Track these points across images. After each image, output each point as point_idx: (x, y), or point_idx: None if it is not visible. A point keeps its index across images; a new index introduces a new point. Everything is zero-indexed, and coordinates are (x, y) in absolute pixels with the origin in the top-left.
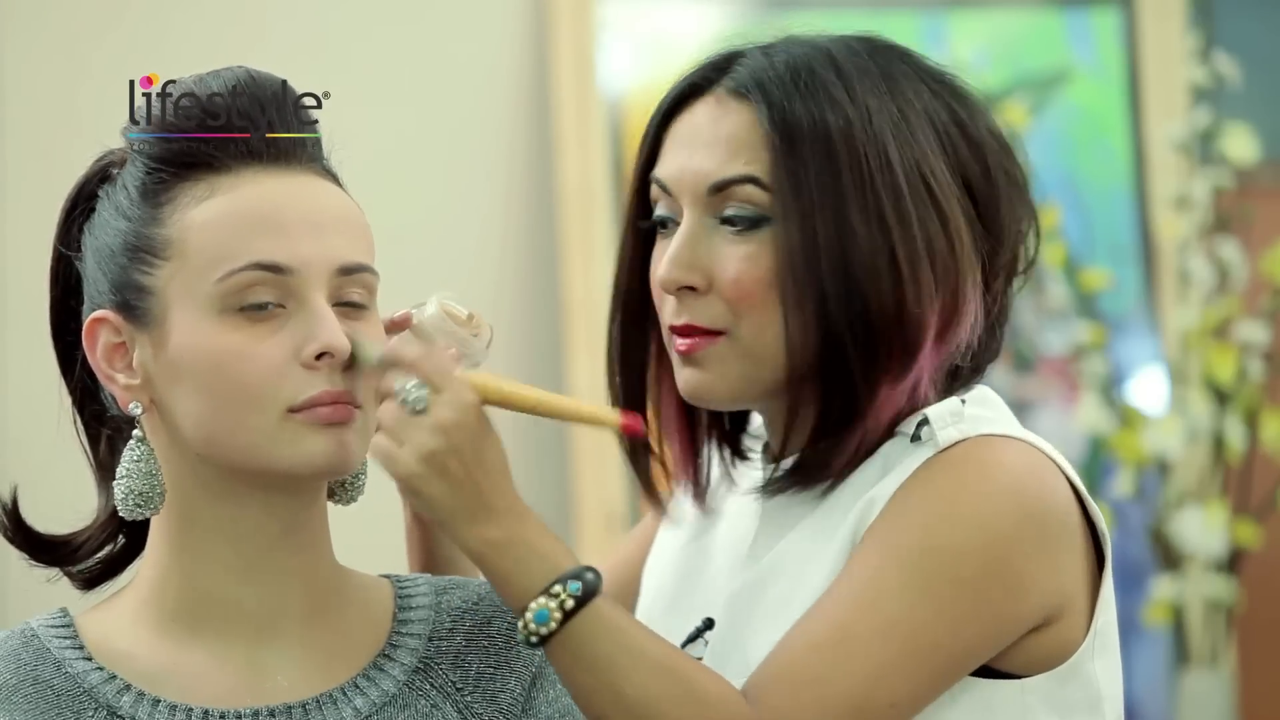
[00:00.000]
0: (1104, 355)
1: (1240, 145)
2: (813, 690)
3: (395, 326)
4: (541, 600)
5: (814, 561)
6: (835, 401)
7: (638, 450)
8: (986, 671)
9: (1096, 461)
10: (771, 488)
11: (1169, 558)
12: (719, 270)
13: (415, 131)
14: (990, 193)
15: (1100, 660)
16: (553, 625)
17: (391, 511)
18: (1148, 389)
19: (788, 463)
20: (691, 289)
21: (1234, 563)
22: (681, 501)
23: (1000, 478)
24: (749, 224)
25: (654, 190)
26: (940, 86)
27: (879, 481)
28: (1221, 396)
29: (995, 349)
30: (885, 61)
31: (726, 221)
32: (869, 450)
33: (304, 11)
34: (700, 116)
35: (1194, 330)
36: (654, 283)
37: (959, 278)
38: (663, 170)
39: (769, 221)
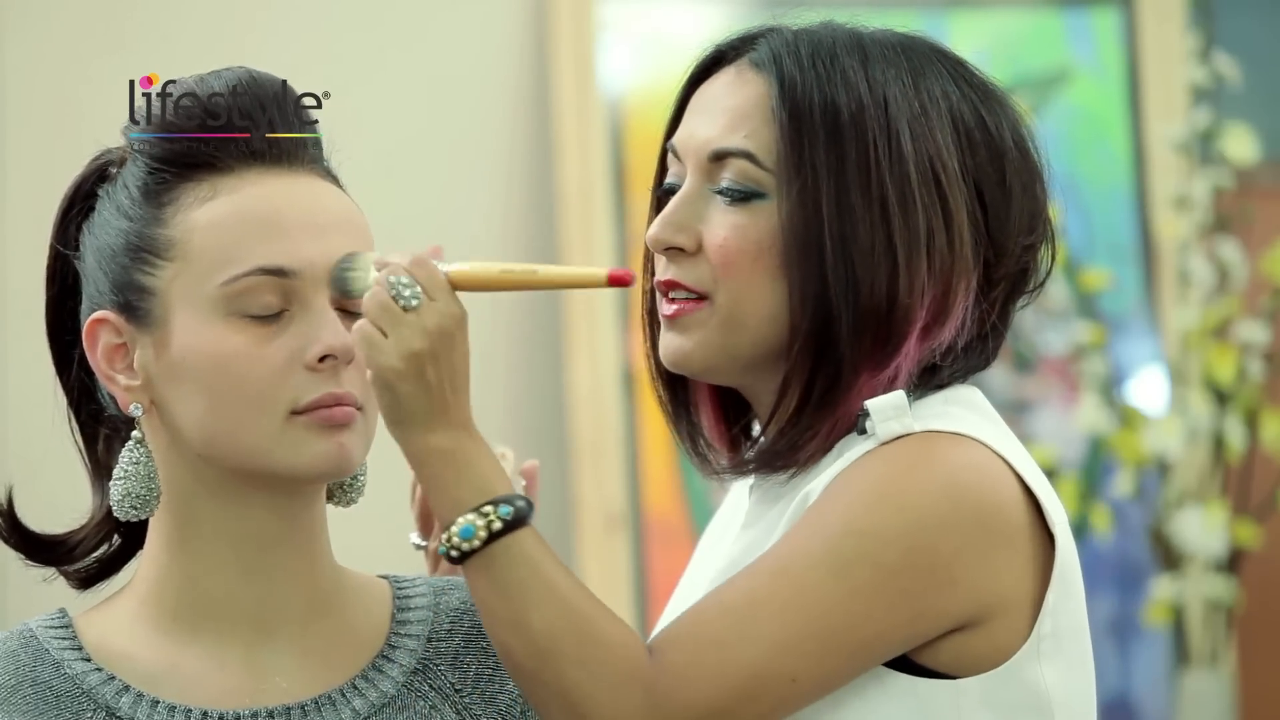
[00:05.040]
0: (1104, 355)
1: (1240, 145)
2: (713, 652)
3: None
4: (470, 516)
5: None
6: (817, 383)
7: (679, 415)
8: (919, 670)
9: (1096, 461)
10: (735, 471)
11: (1169, 558)
12: (708, 234)
13: (415, 132)
14: (1002, 202)
15: (1050, 665)
16: (475, 543)
17: (391, 512)
18: (1148, 389)
19: (755, 447)
20: (680, 250)
21: (1234, 563)
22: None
23: (934, 470)
24: (740, 196)
25: (669, 157)
26: (973, 91)
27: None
28: (1221, 396)
29: (986, 360)
30: (918, 57)
31: (721, 191)
32: (835, 441)
33: (304, 12)
34: (718, 86)
35: (1194, 330)
36: (646, 241)
37: (953, 276)
38: (676, 136)
39: (761, 197)
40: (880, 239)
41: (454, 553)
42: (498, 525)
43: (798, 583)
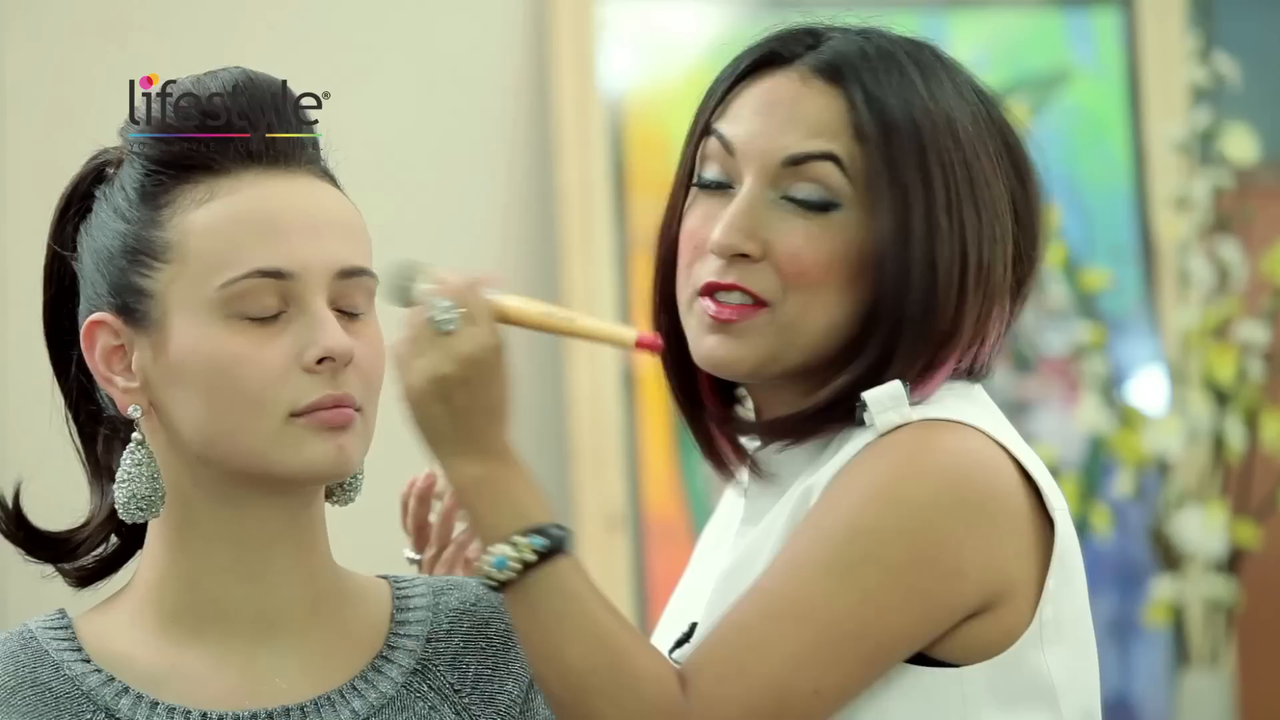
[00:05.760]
0: (1104, 355)
1: (1240, 145)
2: (736, 676)
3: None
4: (502, 547)
5: (764, 552)
6: (857, 393)
7: (695, 416)
8: (923, 659)
9: (1096, 461)
10: (740, 433)
11: (1169, 558)
12: (779, 242)
13: (415, 132)
14: (1029, 218)
15: (1053, 651)
16: (510, 575)
17: (390, 512)
18: (1148, 389)
19: (762, 420)
20: (744, 256)
21: (1234, 563)
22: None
23: (933, 460)
24: (817, 206)
25: (711, 145)
26: (985, 103)
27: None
28: (1221, 396)
29: (986, 369)
30: (945, 69)
31: (791, 199)
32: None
33: (304, 11)
34: (783, 89)
35: (1194, 330)
36: (687, 239)
37: (995, 299)
38: (731, 129)
39: (837, 208)
40: (957, 262)
41: (489, 582)
42: (531, 557)
43: (808, 593)
